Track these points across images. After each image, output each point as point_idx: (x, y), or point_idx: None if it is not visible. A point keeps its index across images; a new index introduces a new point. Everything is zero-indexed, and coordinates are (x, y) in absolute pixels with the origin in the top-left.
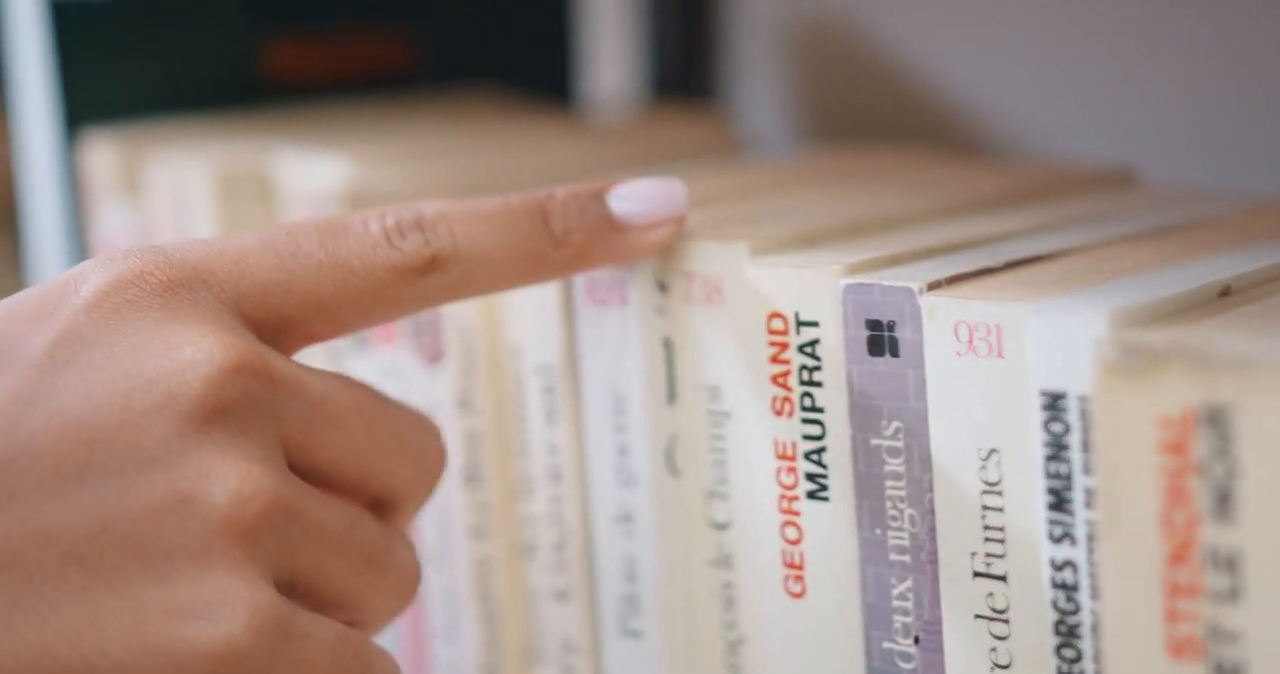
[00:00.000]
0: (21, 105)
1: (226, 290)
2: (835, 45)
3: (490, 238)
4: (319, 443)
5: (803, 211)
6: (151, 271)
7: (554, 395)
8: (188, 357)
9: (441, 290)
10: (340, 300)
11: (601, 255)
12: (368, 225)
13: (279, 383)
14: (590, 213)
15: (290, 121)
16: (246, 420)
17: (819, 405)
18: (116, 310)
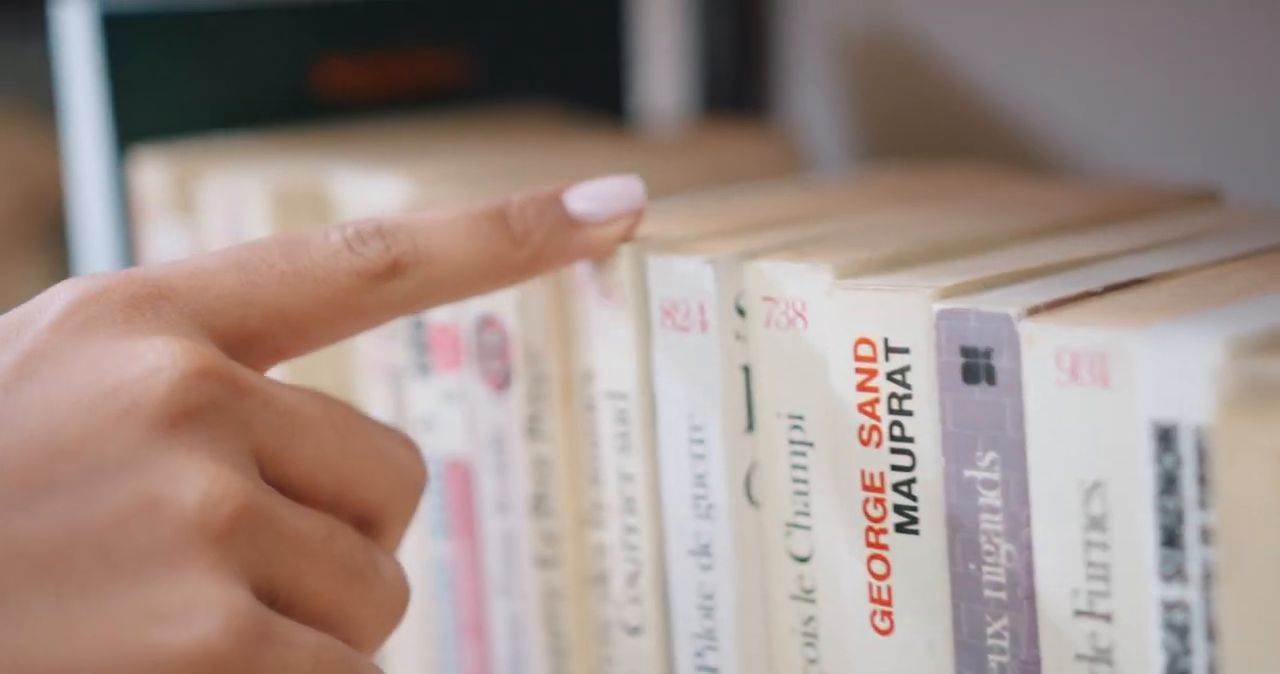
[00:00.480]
0: (72, 122)
1: (190, 304)
2: (892, 55)
3: (450, 241)
4: (291, 453)
5: (884, 233)
6: (113, 288)
7: (628, 423)
8: (150, 363)
9: (406, 296)
10: (304, 310)
11: (561, 253)
12: (328, 236)
13: (245, 390)
14: (548, 213)
15: (345, 139)
16: (213, 425)
17: (909, 435)
18: (79, 327)
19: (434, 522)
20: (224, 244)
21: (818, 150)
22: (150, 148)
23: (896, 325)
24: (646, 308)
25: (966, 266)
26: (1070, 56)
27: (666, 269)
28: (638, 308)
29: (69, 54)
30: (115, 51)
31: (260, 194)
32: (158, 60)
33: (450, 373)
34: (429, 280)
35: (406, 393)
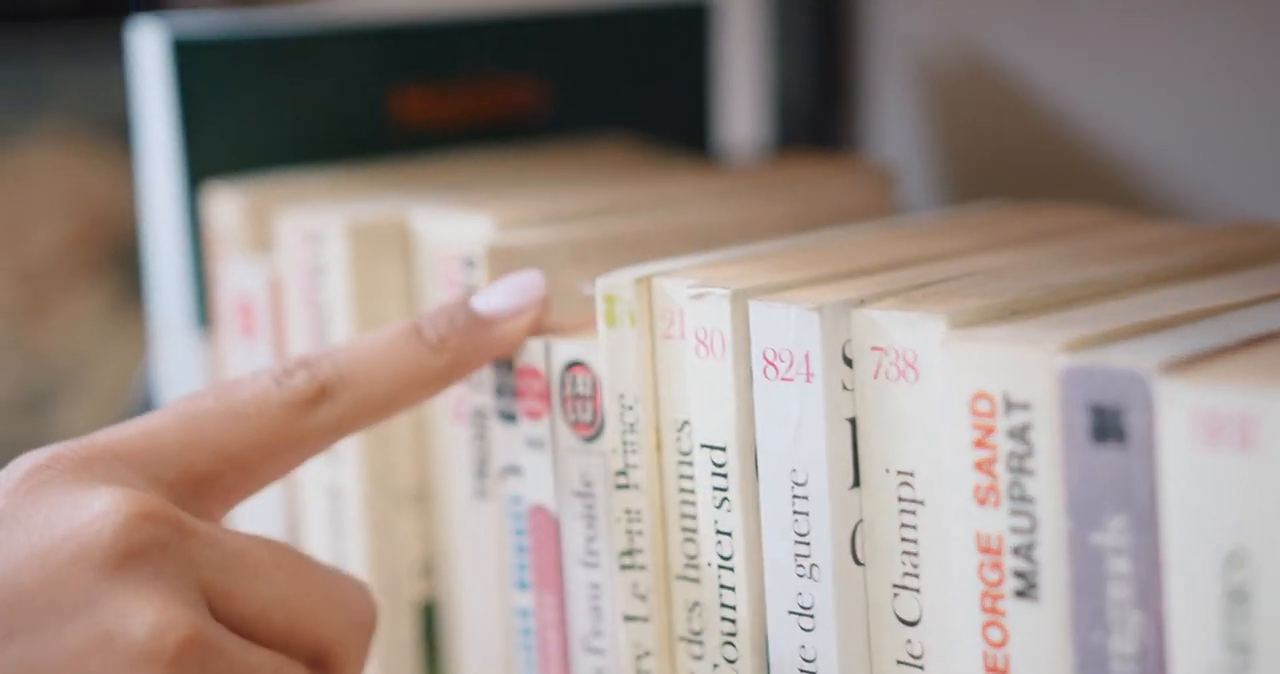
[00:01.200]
0: (144, 150)
1: (138, 459)
2: (981, 87)
3: (371, 360)
4: (240, 592)
5: (995, 278)
6: (64, 454)
7: (727, 476)
8: (96, 510)
9: (339, 418)
10: (244, 446)
11: (478, 354)
12: (258, 377)
13: (189, 532)
14: (458, 318)
15: (422, 171)
16: (160, 564)
17: (1030, 495)
18: (33, 490)
19: (518, 572)
20: (300, 278)
21: (907, 187)
22: (224, 180)
23: (1017, 380)
24: (747, 356)
25: (1089, 317)
26: (1171, 89)
27: (769, 316)
28: (738, 356)
29: (141, 80)
30: (187, 78)
31: (337, 229)
32: (231, 87)
33: (537, 420)
34: (356, 400)
35: (491, 439)
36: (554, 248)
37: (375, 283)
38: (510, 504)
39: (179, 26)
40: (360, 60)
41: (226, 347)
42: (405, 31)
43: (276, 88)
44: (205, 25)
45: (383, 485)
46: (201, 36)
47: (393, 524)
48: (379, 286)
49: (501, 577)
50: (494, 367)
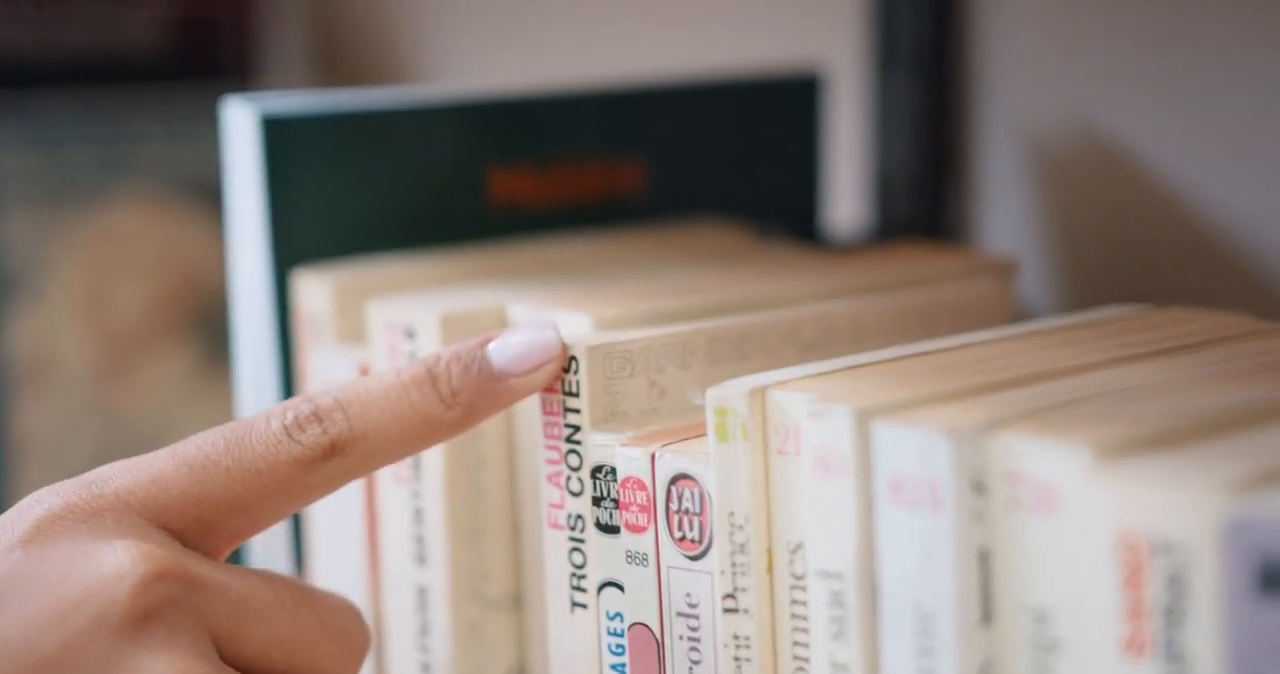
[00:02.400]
0: (235, 233)
1: (149, 507)
2: (1100, 170)
3: (383, 414)
4: (245, 636)
5: (1144, 399)
6: (75, 504)
7: (844, 606)
8: (111, 571)
9: (346, 471)
10: (252, 500)
11: (489, 407)
12: (269, 423)
13: (200, 585)
14: (473, 370)
15: (519, 258)
16: (175, 622)
17: (1184, 650)
18: (46, 543)
19: None
20: (390, 367)
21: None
22: (315, 260)
23: (1172, 522)
24: (870, 480)
25: (1248, 449)
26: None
27: (896, 439)
28: (860, 479)
29: (233, 157)
30: (277, 155)
31: (431, 322)
32: (323, 165)
33: (640, 533)
34: (365, 454)
35: (589, 550)
36: (657, 348)
37: None
38: (609, 620)
39: (271, 104)
40: (457, 139)
41: None
42: (502, 109)
43: (371, 166)
44: (297, 103)
45: (472, 589)
46: (293, 113)
47: (481, 630)
48: None
49: None
50: (594, 476)
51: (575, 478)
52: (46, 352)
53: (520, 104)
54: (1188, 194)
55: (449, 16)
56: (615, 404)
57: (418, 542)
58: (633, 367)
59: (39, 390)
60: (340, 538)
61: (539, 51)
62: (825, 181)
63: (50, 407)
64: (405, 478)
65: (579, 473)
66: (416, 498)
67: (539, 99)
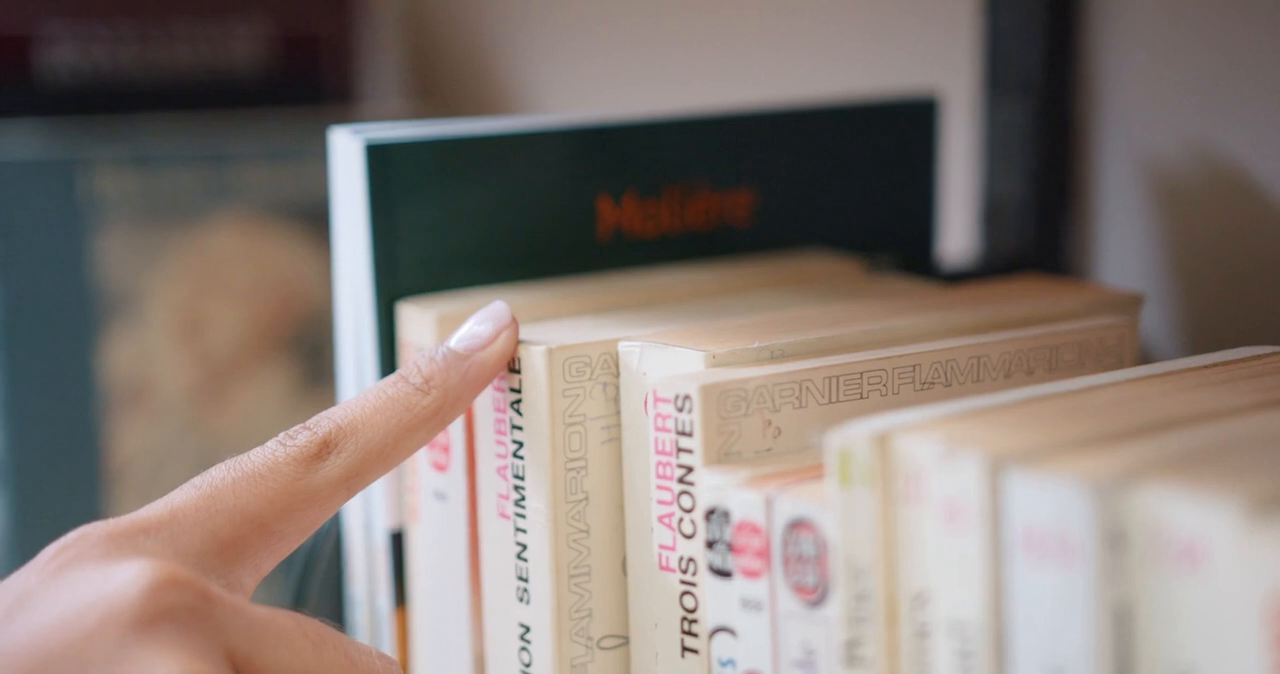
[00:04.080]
0: (340, 263)
1: (163, 532)
2: (1221, 199)
3: (365, 410)
4: (264, 659)
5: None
6: (91, 533)
7: (972, 659)
8: (123, 578)
9: (345, 468)
10: (261, 506)
11: (463, 386)
12: (264, 443)
13: (215, 600)
14: (438, 356)
15: (627, 289)
16: (187, 627)
17: None
18: (61, 567)
19: None
20: (494, 406)
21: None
22: (420, 289)
23: None
24: (1001, 531)
25: None
26: None
27: (1030, 488)
28: (991, 529)
29: (337, 186)
30: (382, 183)
31: (537, 355)
32: (428, 193)
33: (755, 579)
34: (359, 448)
35: (701, 594)
36: (772, 387)
37: (576, 414)
38: (721, 666)
39: (376, 133)
40: (564, 167)
41: (419, 476)
42: (611, 136)
43: (477, 195)
44: (403, 131)
45: (575, 628)
46: (398, 140)
47: (585, 671)
48: (579, 417)
49: None
50: (707, 518)
51: (688, 520)
52: (145, 374)
53: (628, 132)
54: None
55: (545, 41)
56: (729, 444)
57: (521, 579)
58: (748, 406)
59: (137, 412)
60: (443, 571)
61: (637, 80)
62: (939, 211)
63: (148, 429)
64: (508, 513)
65: (691, 515)
66: (520, 534)
67: (648, 126)
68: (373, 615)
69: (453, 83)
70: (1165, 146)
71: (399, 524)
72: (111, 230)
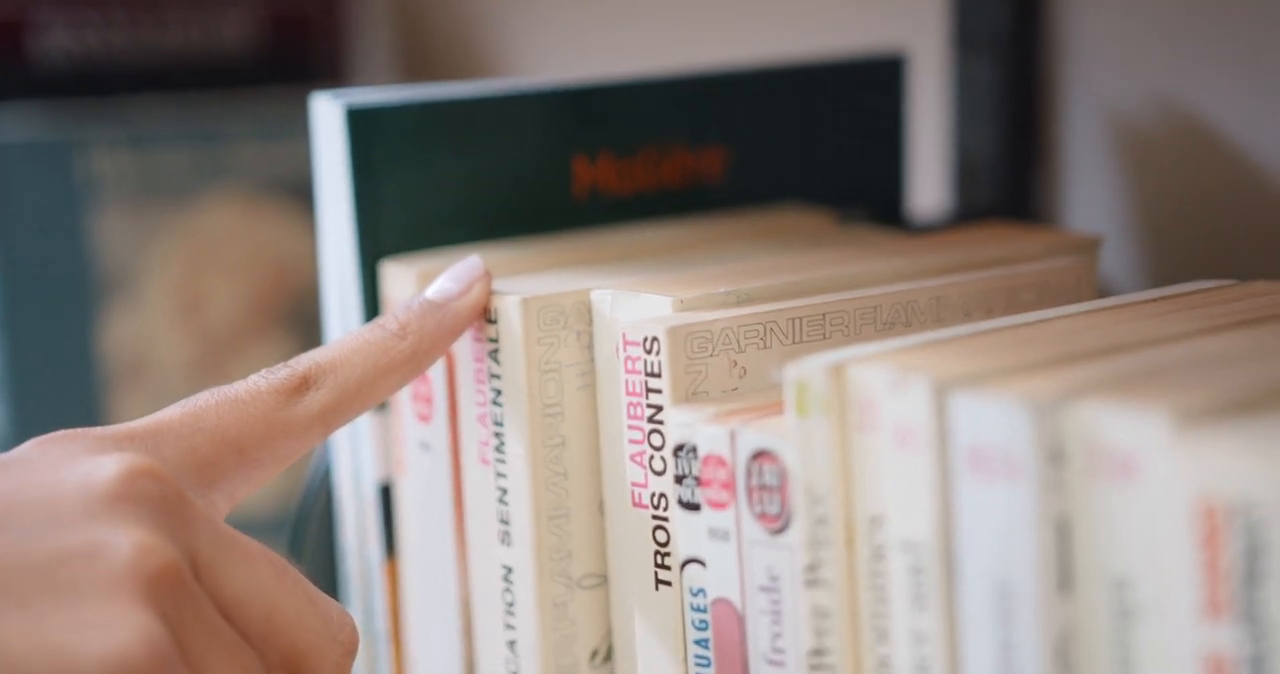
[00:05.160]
0: (323, 227)
1: (146, 441)
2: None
3: (344, 350)
4: (225, 571)
5: (1222, 368)
6: (80, 434)
7: (923, 576)
8: (102, 461)
9: (323, 403)
10: (241, 430)
11: (438, 333)
12: (247, 377)
13: (188, 501)
14: (414, 305)
15: (602, 245)
16: (155, 513)
17: (1264, 610)
18: (48, 449)
19: (699, 667)
20: (474, 356)
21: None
22: (402, 250)
23: (1254, 485)
24: (948, 452)
25: None
26: None
27: (974, 410)
28: (939, 451)
29: (319, 150)
30: (362, 146)
31: (512, 305)
32: (408, 156)
33: (721, 510)
34: (337, 385)
35: (672, 528)
36: (737, 328)
37: (551, 361)
38: (692, 596)
39: (356, 97)
40: (541, 128)
41: (404, 428)
42: (585, 98)
43: (456, 156)
44: (382, 96)
45: (556, 568)
46: (378, 104)
47: (566, 608)
48: (554, 365)
49: (681, 670)
50: (676, 455)
51: (658, 457)
52: (143, 350)
53: (602, 92)
54: (1271, 170)
55: (535, 14)
56: (696, 384)
57: (503, 522)
58: (713, 347)
59: (136, 388)
60: (429, 519)
61: (624, 46)
62: (908, 166)
63: (147, 404)
64: (489, 459)
65: (661, 452)
66: (501, 478)
67: (621, 87)
68: (364, 567)
69: (442, 60)
70: (1129, 100)
71: (387, 477)
72: (108, 210)
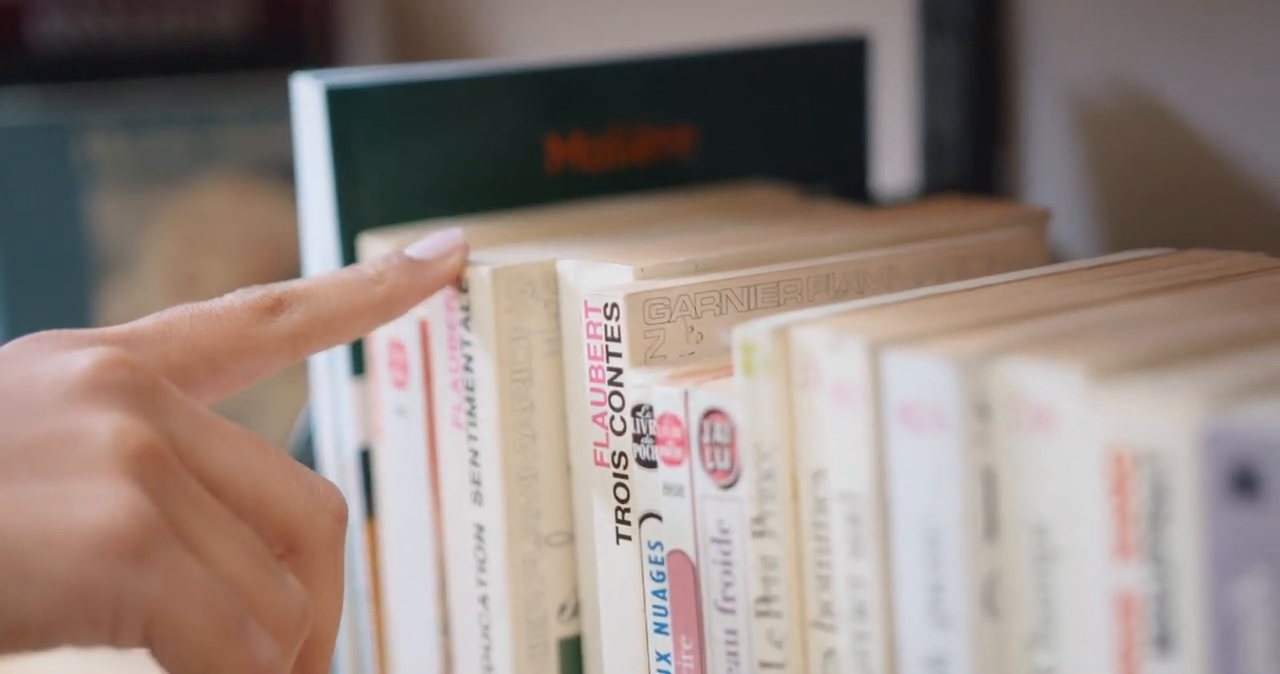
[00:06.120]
0: (306, 197)
1: (120, 345)
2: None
3: (321, 283)
4: (207, 450)
5: (1141, 328)
6: (58, 334)
7: (860, 525)
8: (76, 355)
9: (295, 326)
10: (214, 342)
11: (410, 287)
12: (222, 295)
13: (165, 388)
14: (394, 259)
15: (573, 220)
16: (133, 400)
17: (1168, 551)
18: (27, 346)
19: (657, 616)
20: (446, 324)
21: (1062, 235)
22: (380, 226)
23: (1158, 433)
24: (882, 407)
25: (1232, 368)
26: None
27: (905, 367)
28: (874, 407)
29: (301, 129)
30: (341, 125)
31: (483, 273)
32: (386, 134)
33: (676, 466)
34: (310, 313)
35: (631, 484)
36: (693, 296)
37: (520, 329)
38: (650, 548)
39: (336, 78)
40: (514, 107)
41: (381, 394)
42: (557, 78)
43: (432, 135)
44: (361, 76)
45: (525, 527)
46: (356, 85)
47: (536, 565)
48: (523, 332)
49: (642, 621)
50: (634, 415)
51: (618, 417)
52: None
53: (574, 73)
54: (1222, 146)
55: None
56: (654, 348)
57: (475, 483)
58: (671, 313)
59: None
60: (406, 481)
61: (613, 27)
62: (873, 144)
63: None
64: (462, 423)
65: (621, 413)
66: (472, 441)
67: (592, 67)
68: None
69: (434, 45)
70: (1087, 80)
71: (366, 442)
72: (105, 192)
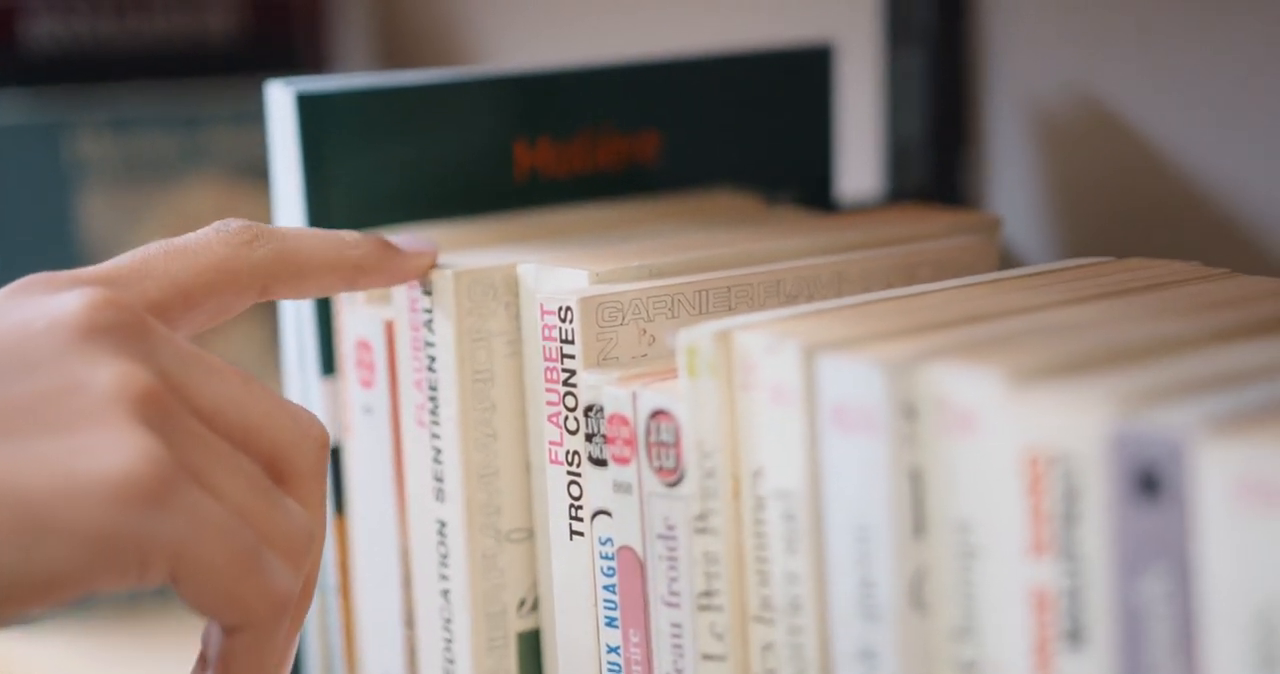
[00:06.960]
0: (279, 202)
1: (102, 282)
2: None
3: (298, 231)
4: (197, 385)
5: (1066, 334)
6: (42, 278)
7: (795, 522)
8: (66, 297)
9: (268, 261)
10: (190, 277)
11: (380, 265)
12: (200, 228)
13: (152, 327)
14: (372, 237)
15: (538, 225)
16: (125, 341)
17: (1079, 549)
18: (13, 293)
19: (607, 610)
20: (410, 325)
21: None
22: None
23: (1070, 436)
24: (815, 408)
25: (1147, 374)
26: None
27: (837, 369)
28: (808, 408)
29: (273, 135)
30: (312, 131)
31: (446, 277)
32: (356, 140)
33: (625, 465)
34: (283, 251)
35: (584, 482)
36: (646, 300)
37: (481, 331)
38: (601, 544)
39: (307, 85)
40: (482, 114)
41: (350, 393)
42: (525, 85)
43: (402, 141)
44: (332, 83)
45: (485, 523)
46: (326, 91)
47: (495, 560)
48: (484, 334)
49: (594, 615)
50: (587, 415)
51: (571, 417)
52: None
53: (542, 79)
54: (1177, 156)
55: (514, 9)
56: (607, 350)
57: (437, 480)
58: (624, 316)
59: None
60: (373, 478)
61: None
62: (836, 151)
63: None
64: (425, 421)
65: (574, 412)
66: (435, 439)
67: (559, 74)
68: None
69: (423, 50)
70: (1047, 90)
71: (336, 439)
72: (94, 191)
